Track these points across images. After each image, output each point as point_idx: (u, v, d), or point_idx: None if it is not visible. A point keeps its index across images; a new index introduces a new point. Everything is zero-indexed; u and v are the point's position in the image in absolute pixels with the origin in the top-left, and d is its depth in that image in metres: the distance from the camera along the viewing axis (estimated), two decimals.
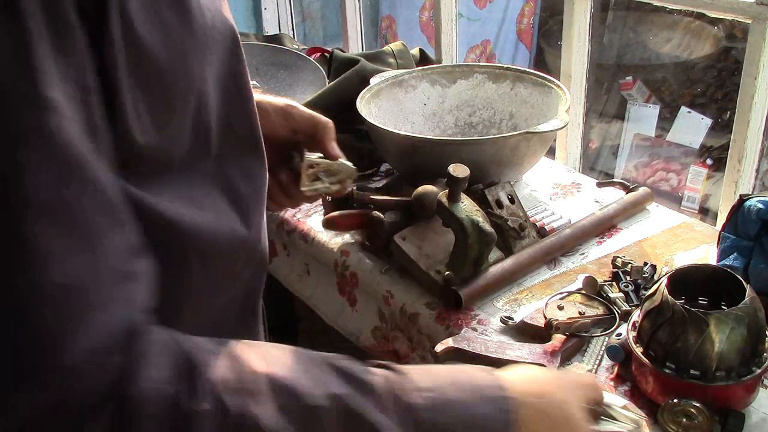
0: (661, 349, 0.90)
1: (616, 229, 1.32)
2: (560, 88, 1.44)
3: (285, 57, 1.83)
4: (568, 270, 1.22)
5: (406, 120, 1.55)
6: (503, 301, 1.15)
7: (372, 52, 1.78)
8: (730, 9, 1.28)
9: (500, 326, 1.10)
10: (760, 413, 0.92)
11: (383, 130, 1.36)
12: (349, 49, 2.15)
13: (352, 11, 2.13)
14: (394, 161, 1.47)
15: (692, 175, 2.17)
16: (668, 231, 1.30)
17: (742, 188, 1.33)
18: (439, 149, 1.31)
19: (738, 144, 1.31)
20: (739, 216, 1.08)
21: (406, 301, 1.18)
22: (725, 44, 2.52)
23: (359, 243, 1.31)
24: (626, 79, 2.58)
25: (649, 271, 1.16)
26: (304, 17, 2.68)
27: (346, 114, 1.54)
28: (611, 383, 0.99)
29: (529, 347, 1.03)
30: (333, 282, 1.34)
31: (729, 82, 2.42)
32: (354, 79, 1.59)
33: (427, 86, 1.57)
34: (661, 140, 2.38)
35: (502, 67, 1.56)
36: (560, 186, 1.47)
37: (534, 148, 1.34)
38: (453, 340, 1.04)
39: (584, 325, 1.05)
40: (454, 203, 1.12)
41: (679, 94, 2.52)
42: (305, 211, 1.43)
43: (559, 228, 1.28)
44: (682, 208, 2.10)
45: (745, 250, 1.07)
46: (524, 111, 1.52)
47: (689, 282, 0.96)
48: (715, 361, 0.87)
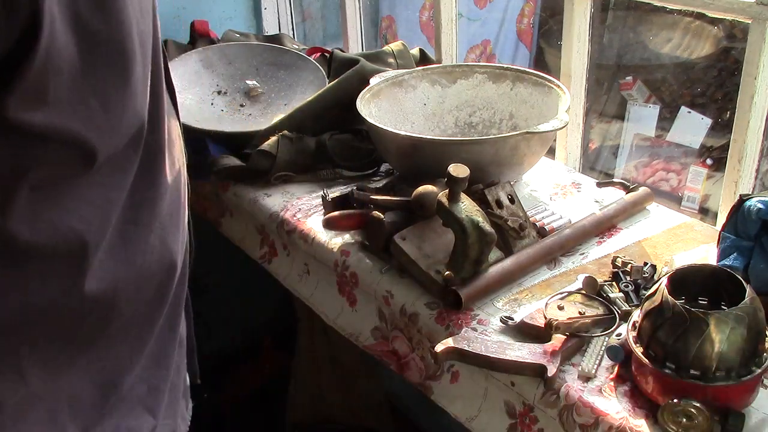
0: (661, 349, 0.90)
1: (616, 229, 1.32)
2: (560, 88, 1.44)
3: (285, 57, 1.83)
4: (568, 270, 1.22)
5: (406, 120, 1.55)
6: (503, 301, 1.15)
7: (372, 52, 1.78)
8: (730, 9, 1.27)
9: (500, 326, 1.10)
10: (760, 413, 0.92)
11: (383, 130, 1.36)
12: (349, 49, 2.15)
13: (352, 11, 2.13)
14: (394, 161, 1.47)
15: (692, 175, 2.17)
16: (668, 231, 1.30)
17: (742, 188, 1.33)
18: (439, 149, 1.31)
19: (738, 144, 1.31)
20: (739, 216, 1.08)
21: (406, 301, 1.18)
22: (725, 44, 2.51)
23: (359, 243, 1.31)
24: (626, 79, 2.58)
25: (649, 271, 1.16)
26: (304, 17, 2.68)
27: (346, 114, 1.54)
28: (611, 383, 0.99)
29: (529, 347, 1.03)
30: (333, 282, 1.34)
31: (729, 82, 2.42)
32: (354, 79, 1.59)
33: (427, 86, 1.57)
34: (661, 140, 2.37)
35: (502, 67, 1.56)
36: (560, 186, 1.47)
37: (534, 148, 1.34)
38: (453, 340, 1.04)
39: (584, 325, 1.05)
40: (454, 203, 1.12)
41: (679, 94, 2.52)
42: (305, 211, 1.43)
43: (559, 228, 1.28)
44: (682, 208, 2.10)
45: (745, 250, 1.07)
46: (524, 111, 1.52)
47: (689, 282, 0.96)
48: (715, 361, 0.87)
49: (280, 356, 2.16)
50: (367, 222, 1.26)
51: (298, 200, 1.47)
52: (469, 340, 1.04)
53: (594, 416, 0.95)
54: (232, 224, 1.61)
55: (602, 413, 0.94)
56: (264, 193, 1.51)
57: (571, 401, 0.97)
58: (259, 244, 1.53)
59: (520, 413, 1.05)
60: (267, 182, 1.52)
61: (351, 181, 1.51)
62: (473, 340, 1.04)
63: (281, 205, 1.46)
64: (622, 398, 0.96)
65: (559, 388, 0.99)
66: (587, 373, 1.00)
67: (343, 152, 1.54)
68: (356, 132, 1.56)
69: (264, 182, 1.52)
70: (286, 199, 1.48)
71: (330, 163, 1.53)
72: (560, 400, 0.99)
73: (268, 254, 1.51)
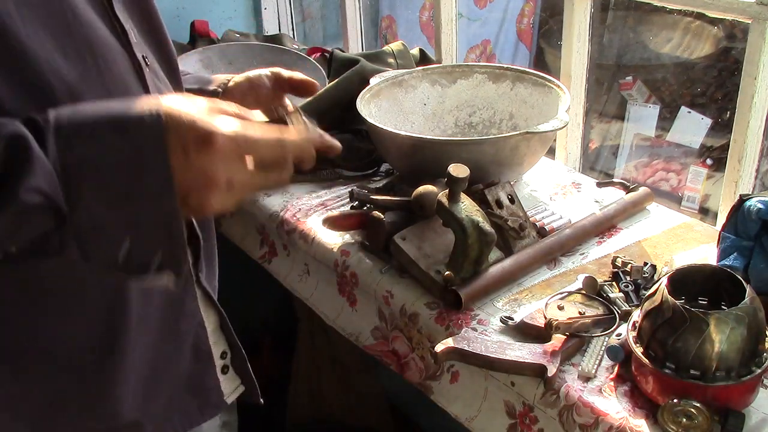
0: (661, 349, 0.90)
1: (616, 229, 1.32)
2: (560, 88, 1.44)
3: (285, 57, 1.83)
4: (568, 270, 1.22)
5: (406, 120, 1.55)
6: (503, 301, 1.15)
7: (372, 52, 1.78)
8: (730, 9, 1.27)
9: (500, 326, 1.10)
10: (760, 413, 0.92)
11: (383, 130, 1.36)
12: (349, 49, 2.15)
13: (352, 11, 2.13)
14: (394, 161, 1.47)
15: (692, 175, 2.17)
16: (668, 231, 1.30)
17: (742, 188, 1.33)
18: (439, 149, 1.31)
19: (738, 144, 1.30)
20: (739, 216, 1.08)
21: (406, 301, 1.18)
22: (725, 44, 2.51)
23: (359, 243, 1.31)
24: (626, 79, 2.58)
25: (649, 271, 1.16)
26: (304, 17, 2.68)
27: (346, 114, 1.54)
28: (611, 383, 0.99)
29: (529, 347, 1.03)
30: (333, 282, 1.34)
31: (729, 82, 2.42)
32: (354, 79, 1.59)
33: (427, 86, 1.57)
34: (661, 140, 2.37)
35: (502, 67, 1.56)
36: (560, 186, 1.47)
37: (534, 148, 1.34)
38: (453, 340, 1.04)
39: (584, 325, 1.05)
40: (454, 203, 1.12)
41: (679, 94, 2.52)
42: (305, 211, 1.43)
43: (559, 228, 1.28)
44: (682, 208, 2.10)
45: (745, 250, 1.07)
46: (524, 111, 1.52)
47: (689, 282, 0.96)
48: (715, 361, 0.87)
49: (280, 356, 2.16)
50: (367, 222, 1.26)
51: (298, 200, 1.47)
52: (469, 340, 1.04)
53: (594, 416, 0.95)
54: (232, 224, 1.61)
55: (602, 413, 0.94)
56: (264, 193, 1.51)
57: (571, 401, 0.97)
58: (259, 244, 1.53)
59: (520, 413, 1.05)
60: None
61: (351, 181, 1.51)
62: (473, 340, 1.04)
63: (281, 205, 1.46)
64: (622, 398, 0.96)
65: (559, 388, 0.99)
66: (587, 373, 1.00)
67: (343, 152, 1.53)
68: (356, 132, 1.56)
69: None
70: (286, 199, 1.48)
71: (330, 163, 1.53)
72: (560, 400, 0.99)
73: (268, 254, 1.51)
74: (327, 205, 1.43)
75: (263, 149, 0.69)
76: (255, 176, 0.69)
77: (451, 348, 1.03)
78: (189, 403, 0.93)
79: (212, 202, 0.67)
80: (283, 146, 0.70)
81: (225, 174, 0.66)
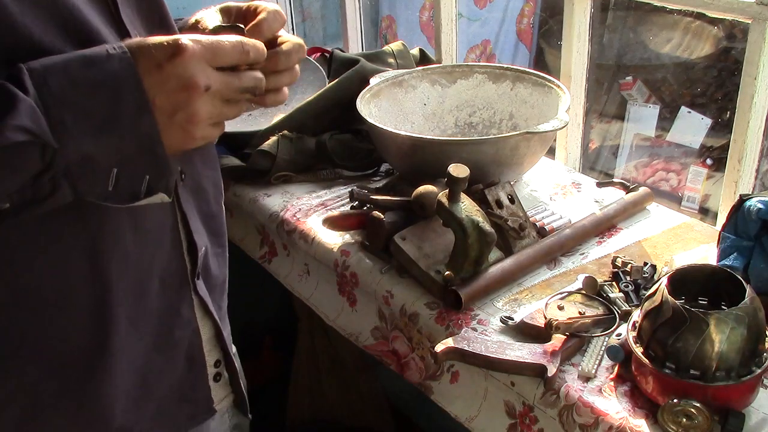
0: (661, 349, 0.90)
1: (616, 229, 1.32)
2: (560, 88, 1.44)
3: None
4: (568, 270, 1.22)
5: (406, 120, 1.55)
6: (503, 301, 1.15)
7: (372, 52, 1.78)
8: (730, 9, 1.27)
9: (500, 326, 1.10)
10: (760, 413, 0.92)
11: (383, 130, 1.36)
12: (349, 49, 2.15)
13: (352, 11, 2.13)
14: (394, 161, 1.47)
15: (692, 175, 2.17)
16: (668, 231, 1.30)
17: (742, 188, 1.33)
18: (439, 149, 1.31)
19: (738, 144, 1.30)
20: (739, 216, 1.08)
21: (406, 301, 1.18)
22: (725, 44, 2.51)
23: (359, 243, 1.31)
24: (626, 79, 2.58)
25: (649, 271, 1.16)
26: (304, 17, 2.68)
27: (346, 114, 1.54)
28: (611, 383, 0.99)
29: (529, 347, 1.03)
30: (333, 282, 1.34)
31: (729, 82, 2.42)
32: (354, 79, 1.59)
33: (427, 86, 1.57)
34: (661, 140, 2.37)
35: (502, 67, 1.56)
36: (560, 186, 1.47)
37: (534, 148, 1.34)
38: (453, 340, 1.04)
39: (584, 325, 1.05)
40: (454, 203, 1.12)
41: (679, 94, 2.52)
42: (305, 211, 1.43)
43: (559, 228, 1.28)
44: (682, 208, 2.10)
45: (745, 250, 1.07)
46: (524, 111, 1.52)
47: (689, 282, 0.96)
48: (715, 361, 0.87)
49: (280, 356, 2.16)
50: (367, 222, 1.26)
51: (298, 200, 1.46)
52: (469, 340, 1.04)
53: (594, 416, 0.95)
54: (232, 224, 1.61)
55: (602, 413, 0.94)
56: (264, 193, 1.51)
57: (571, 401, 0.97)
58: (259, 244, 1.53)
59: (520, 413, 1.05)
60: (267, 182, 1.52)
61: (351, 181, 1.51)
62: (473, 340, 1.04)
63: (281, 205, 1.46)
64: (622, 398, 0.96)
65: (559, 388, 0.99)
66: (587, 373, 1.00)
67: (343, 152, 1.54)
68: (356, 132, 1.56)
69: (264, 182, 1.52)
70: (286, 199, 1.48)
71: (330, 163, 1.53)
72: (560, 400, 0.99)
73: (268, 254, 1.51)
74: (327, 205, 1.43)
75: (228, 48, 0.72)
76: (231, 76, 0.73)
77: (451, 348, 1.03)
78: (178, 411, 0.93)
79: (199, 112, 0.70)
80: (244, 44, 0.74)
81: (202, 76, 0.69)
